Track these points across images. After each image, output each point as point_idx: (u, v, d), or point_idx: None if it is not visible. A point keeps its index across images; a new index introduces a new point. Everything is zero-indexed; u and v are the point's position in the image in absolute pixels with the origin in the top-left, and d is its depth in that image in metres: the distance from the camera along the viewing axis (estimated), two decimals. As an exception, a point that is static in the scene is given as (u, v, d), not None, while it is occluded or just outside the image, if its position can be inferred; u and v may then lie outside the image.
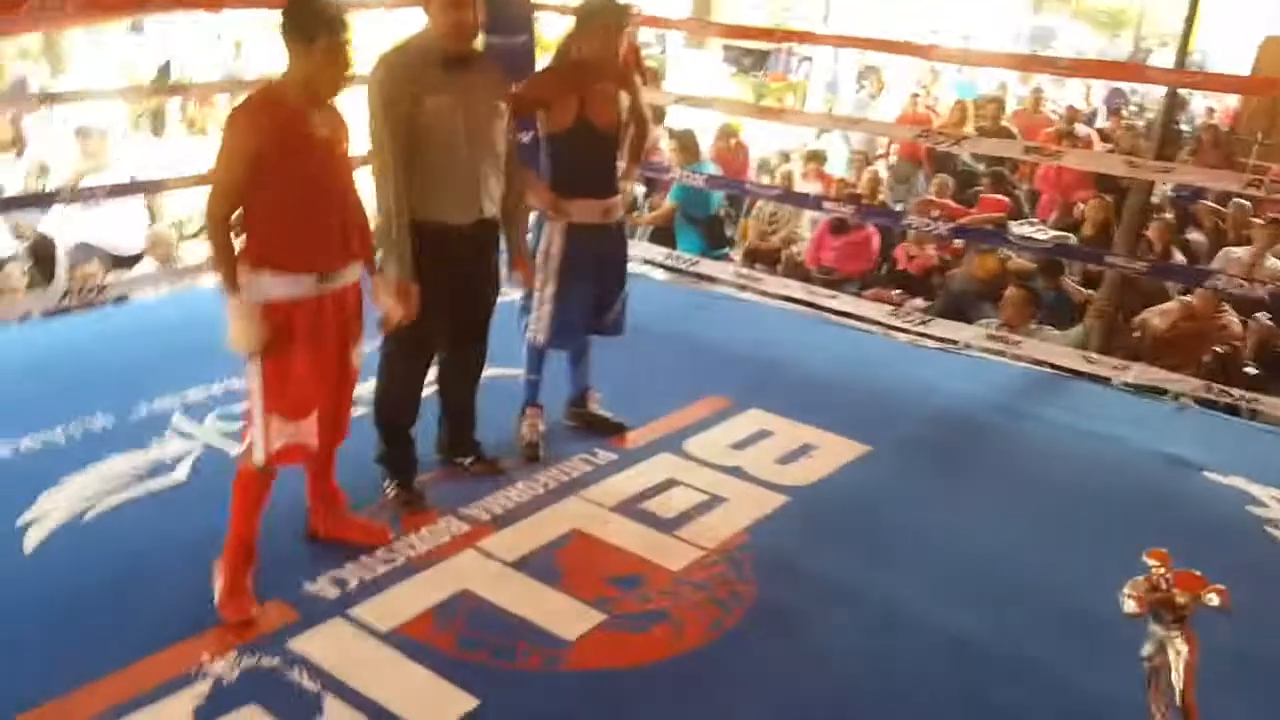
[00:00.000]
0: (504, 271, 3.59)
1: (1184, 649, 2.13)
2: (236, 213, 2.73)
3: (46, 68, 9.77)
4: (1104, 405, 4.77)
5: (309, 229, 2.75)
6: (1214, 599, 2.11)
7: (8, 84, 7.14)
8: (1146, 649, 2.20)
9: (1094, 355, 5.07)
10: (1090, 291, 6.26)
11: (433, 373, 3.57)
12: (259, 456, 2.83)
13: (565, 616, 2.96)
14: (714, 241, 7.21)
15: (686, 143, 7.21)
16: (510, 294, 3.76)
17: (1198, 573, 2.14)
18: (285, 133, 2.67)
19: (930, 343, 5.39)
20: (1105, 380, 4.99)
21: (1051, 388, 4.97)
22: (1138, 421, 4.60)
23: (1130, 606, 2.16)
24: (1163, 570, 2.16)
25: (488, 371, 3.70)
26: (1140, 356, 5.38)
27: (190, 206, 7.92)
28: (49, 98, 4.87)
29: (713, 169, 7.49)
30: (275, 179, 2.68)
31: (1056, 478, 4.04)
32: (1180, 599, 2.14)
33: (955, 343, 5.33)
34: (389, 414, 3.46)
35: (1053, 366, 5.13)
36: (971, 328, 5.50)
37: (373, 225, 3.11)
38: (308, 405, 2.84)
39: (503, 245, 3.53)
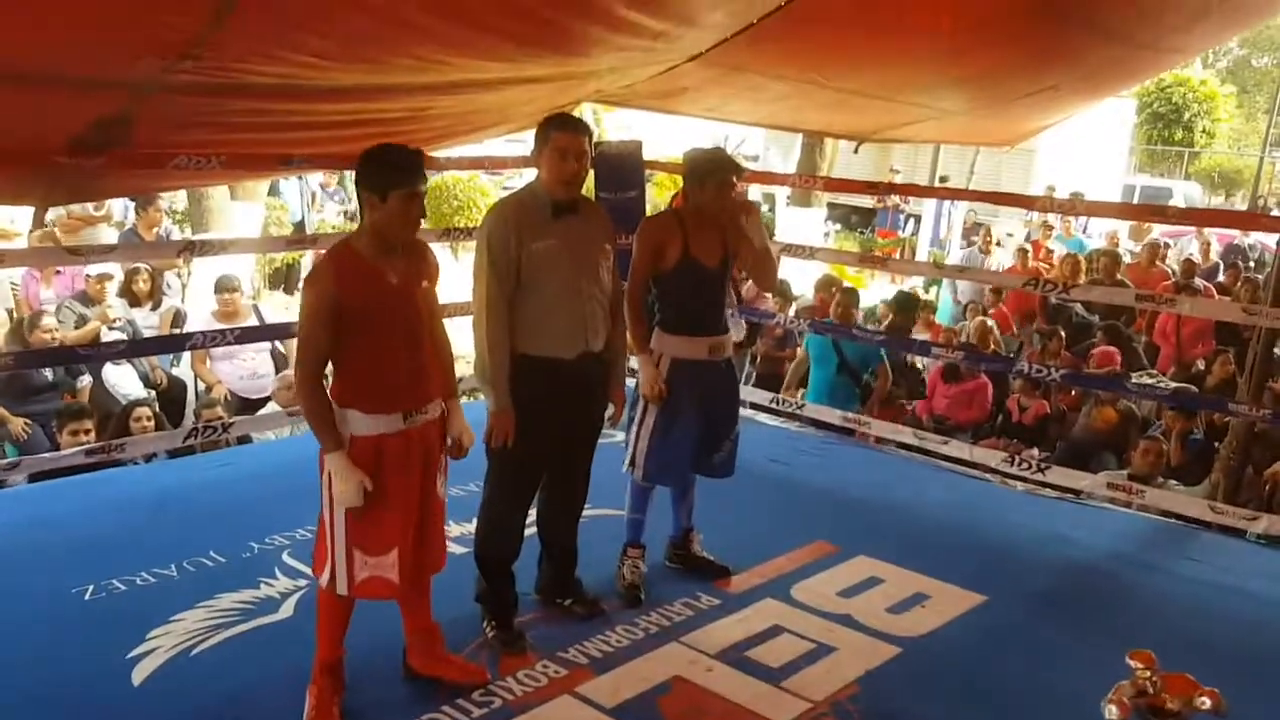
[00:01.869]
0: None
1: None
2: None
3: (189, 229, 10.48)
4: (1235, 558, 4.51)
5: (391, 373, 2.82)
6: (1206, 703, 1.93)
7: (154, 237, 7.65)
8: None
9: (1222, 506, 4.81)
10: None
11: (533, 512, 3.58)
12: (342, 588, 2.87)
13: (665, 767, 2.84)
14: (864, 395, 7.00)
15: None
16: (612, 434, 3.77)
17: (1189, 676, 1.95)
18: (360, 286, 2.76)
19: (1048, 491, 5.20)
20: (1236, 532, 4.72)
21: (1179, 539, 4.72)
22: (1272, 575, 4.32)
23: (1112, 713, 1.98)
24: (1149, 674, 1.98)
25: (589, 510, 3.69)
26: (1272, 509, 5.08)
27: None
28: (189, 246, 5.18)
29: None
30: (355, 329, 2.76)
31: (1187, 634, 3.77)
32: (1171, 704, 1.96)
33: (1076, 492, 5.13)
34: (490, 551, 3.46)
35: (1179, 517, 4.88)
36: (1091, 476, 5.29)
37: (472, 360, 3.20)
38: (390, 541, 2.86)
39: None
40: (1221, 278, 12.32)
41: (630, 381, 3.60)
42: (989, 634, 3.69)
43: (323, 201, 12.75)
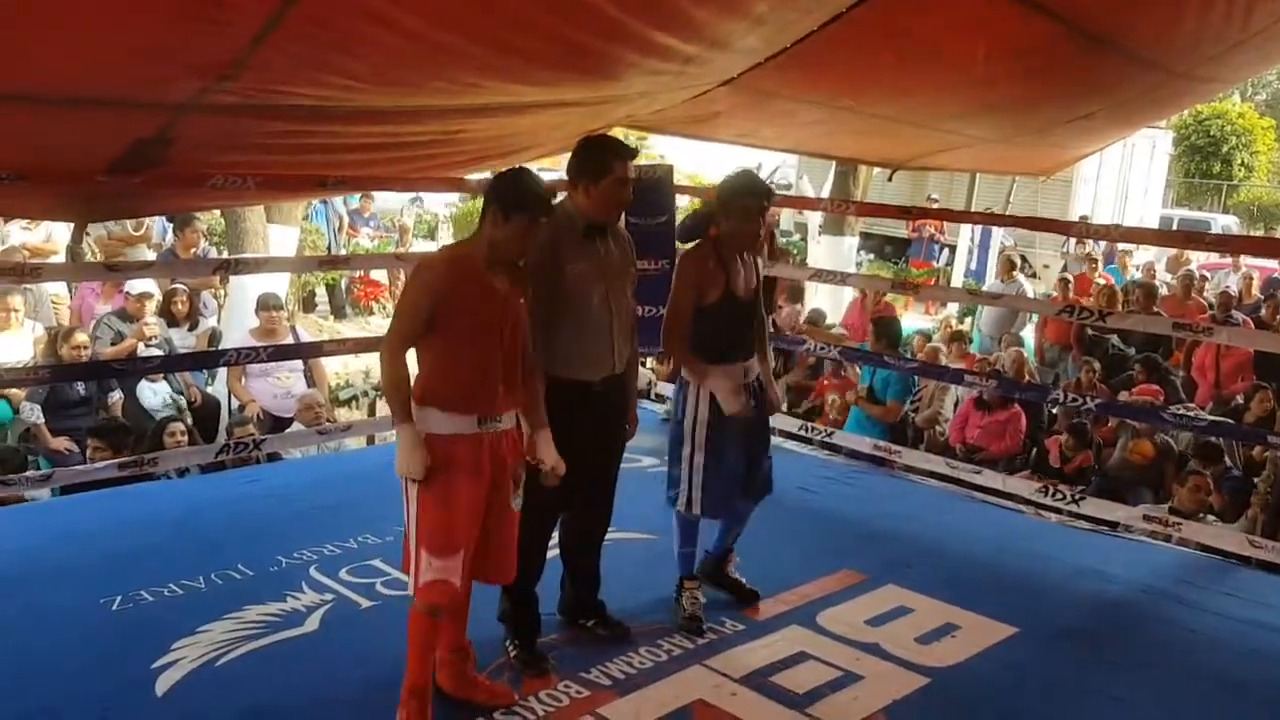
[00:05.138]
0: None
1: None
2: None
3: (226, 251, 10.62)
4: (1273, 593, 4.40)
5: (476, 374, 2.87)
6: None
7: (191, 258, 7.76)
8: None
9: (1261, 540, 4.71)
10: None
11: (557, 534, 3.57)
12: (409, 588, 2.91)
13: (686, 791, 2.81)
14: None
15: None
16: (637, 459, 3.75)
17: None
18: (467, 284, 2.85)
19: (1083, 524, 5.12)
20: (1275, 568, 4.61)
21: (1215, 574, 4.62)
22: (1314, 613, 4.22)
23: None
24: None
25: (612, 533, 3.68)
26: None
27: (344, 371, 8.37)
28: (225, 264, 5.26)
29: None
30: (451, 325, 2.83)
31: (1221, 670, 3.70)
32: None
33: (1112, 525, 5.05)
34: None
35: (1217, 552, 4.78)
36: (1127, 508, 5.21)
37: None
38: (456, 544, 2.87)
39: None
40: (1262, 312, 12.14)
41: (652, 406, 3.61)
42: (1019, 667, 3.63)
43: (360, 226, 12.89)
